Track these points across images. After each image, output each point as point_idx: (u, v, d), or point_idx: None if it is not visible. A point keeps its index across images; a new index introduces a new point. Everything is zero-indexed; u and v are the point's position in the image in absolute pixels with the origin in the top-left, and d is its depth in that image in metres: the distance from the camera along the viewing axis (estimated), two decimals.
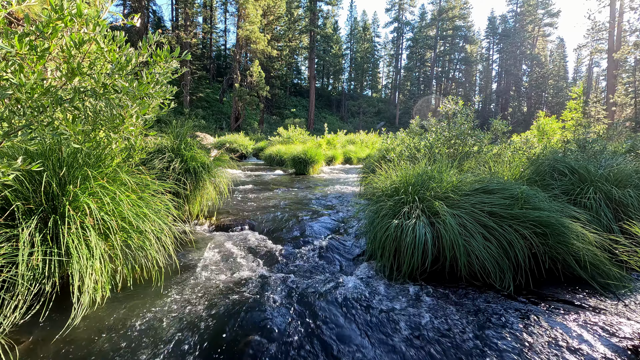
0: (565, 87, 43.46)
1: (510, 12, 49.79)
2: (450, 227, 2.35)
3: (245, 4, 24.56)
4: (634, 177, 3.26)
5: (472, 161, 4.40)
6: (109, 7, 1.74)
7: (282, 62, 36.91)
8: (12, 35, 1.26)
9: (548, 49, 49.42)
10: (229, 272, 2.53)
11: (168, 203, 2.52)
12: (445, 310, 2.00)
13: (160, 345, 1.62)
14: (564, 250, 2.36)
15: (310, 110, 36.16)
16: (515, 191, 2.66)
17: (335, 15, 45.45)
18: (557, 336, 1.75)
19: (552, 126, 6.09)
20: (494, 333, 1.78)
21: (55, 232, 1.81)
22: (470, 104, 5.31)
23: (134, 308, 1.95)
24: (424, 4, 53.68)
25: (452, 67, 52.85)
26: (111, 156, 2.23)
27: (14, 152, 1.92)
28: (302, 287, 2.26)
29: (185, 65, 25.44)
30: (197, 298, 2.08)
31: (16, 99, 1.31)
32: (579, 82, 35.54)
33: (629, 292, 2.22)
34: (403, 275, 2.39)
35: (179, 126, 4.06)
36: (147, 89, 1.86)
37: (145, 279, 2.28)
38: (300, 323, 1.82)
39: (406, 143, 5.99)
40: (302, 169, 9.70)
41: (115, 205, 2.03)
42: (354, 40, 52.38)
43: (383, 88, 61.72)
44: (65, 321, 1.74)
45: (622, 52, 22.74)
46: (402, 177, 3.07)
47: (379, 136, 19.64)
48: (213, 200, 4.02)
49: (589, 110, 22.95)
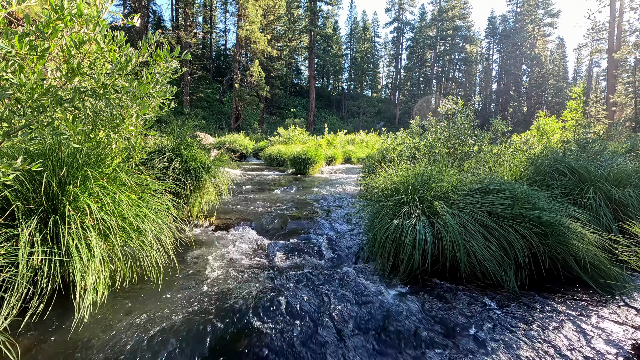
0: (565, 87, 43.46)
1: (510, 12, 49.81)
2: (450, 227, 2.35)
3: (245, 4, 24.56)
4: (634, 177, 3.26)
5: (472, 161, 4.40)
6: (109, 7, 1.74)
7: (282, 62, 36.91)
8: (12, 35, 1.27)
9: (548, 49, 49.41)
10: (228, 272, 2.52)
11: (168, 203, 2.52)
12: (444, 310, 2.00)
13: (160, 345, 1.62)
14: (564, 250, 2.36)
15: (310, 110, 36.16)
16: (515, 191, 2.66)
17: (335, 15, 45.46)
18: (557, 336, 1.75)
19: (552, 126, 6.09)
20: (494, 332, 1.78)
21: (55, 232, 1.81)
22: (470, 104, 5.31)
23: (134, 308, 1.95)
24: (424, 4, 53.78)
25: (452, 67, 52.85)
26: (111, 156, 2.23)
27: (14, 152, 1.92)
28: (302, 287, 2.26)
29: (185, 65, 25.45)
30: (197, 298, 2.08)
31: (16, 99, 1.31)
32: (579, 82, 35.58)
33: (629, 292, 2.22)
34: (403, 275, 2.39)
35: (179, 126, 4.06)
36: (147, 89, 1.86)
37: (145, 279, 2.28)
38: (300, 324, 1.82)
39: (406, 143, 5.99)
40: (302, 169, 9.70)
41: (115, 205, 2.03)
42: (354, 40, 52.36)
43: (383, 88, 61.72)
44: (65, 321, 1.74)
45: (622, 52, 22.74)
46: (402, 177, 3.07)
47: (379, 136, 19.64)
48: (213, 200, 4.02)
49: (589, 110, 22.96)
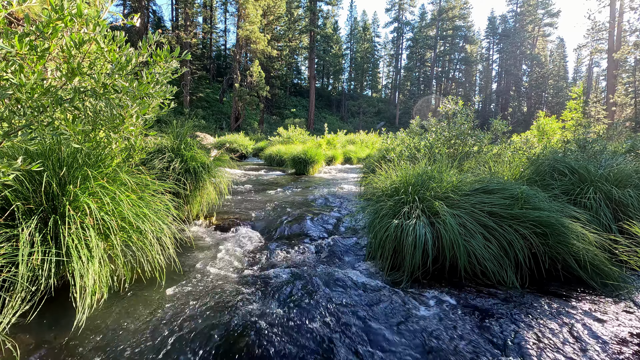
0: (565, 87, 43.45)
1: (510, 12, 49.81)
2: (450, 227, 2.35)
3: (245, 4, 24.56)
4: (634, 177, 3.26)
5: (472, 161, 4.40)
6: (109, 7, 1.75)
7: (282, 62, 36.91)
8: (12, 35, 1.27)
9: (548, 49, 49.42)
10: (229, 272, 2.52)
11: (168, 203, 2.52)
12: (444, 309, 2.01)
13: (160, 345, 1.62)
14: (564, 250, 2.36)
15: (310, 110, 36.16)
16: (515, 191, 2.66)
17: (335, 15, 45.46)
18: (557, 336, 1.75)
19: (552, 126, 6.09)
20: (494, 332, 1.78)
21: (55, 232, 1.81)
22: (470, 104, 5.31)
23: (134, 308, 1.95)
24: (424, 4, 53.82)
25: (452, 67, 52.85)
26: (111, 156, 2.23)
27: (14, 152, 1.92)
28: (302, 287, 2.26)
29: (185, 65, 25.45)
30: (197, 297, 2.08)
31: (16, 99, 1.31)
32: (579, 82, 35.59)
33: (629, 292, 2.22)
34: (403, 275, 2.39)
35: (179, 126, 4.06)
36: (147, 89, 1.86)
37: (145, 279, 2.28)
38: (299, 325, 1.82)
39: (406, 143, 5.99)
40: (302, 169, 9.70)
41: (115, 205, 2.03)
42: (354, 40, 52.36)
43: (383, 88, 61.71)
44: (65, 321, 1.74)
45: (622, 52, 22.75)
46: (402, 177, 3.07)
47: (379, 136, 19.64)
48: (213, 200, 4.02)
49: (589, 110, 22.97)
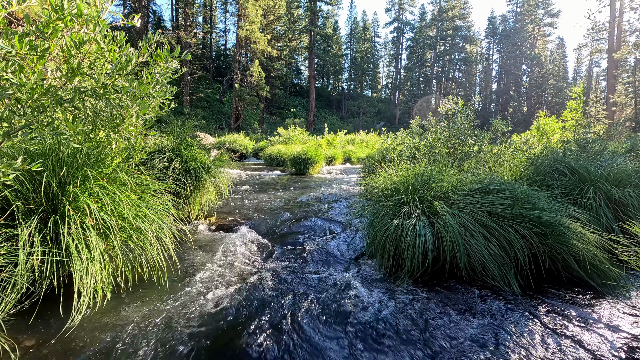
0: (565, 87, 43.46)
1: (510, 12, 49.80)
2: (450, 227, 2.35)
3: (245, 4, 24.57)
4: (634, 177, 3.26)
5: (472, 161, 4.40)
6: (109, 7, 1.74)
7: (282, 62, 36.89)
8: (12, 35, 1.26)
9: (548, 49, 49.42)
10: (228, 272, 2.52)
11: (168, 203, 2.52)
12: (444, 309, 2.00)
13: (160, 345, 1.62)
14: (564, 250, 2.36)
15: (310, 110, 36.16)
16: (515, 191, 2.66)
17: (335, 15, 45.50)
18: (557, 336, 1.75)
19: (552, 126, 6.09)
20: (493, 332, 1.78)
21: (55, 232, 1.81)
22: (470, 104, 5.31)
23: (134, 308, 1.95)
24: (424, 4, 53.77)
25: (452, 67, 52.84)
26: (111, 156, 2.23)
27: (14, 152, 1.92)
28: (302, 287, 2.26)
29: (185, 65, 25.44)
30: (197, 297, 2.08)
31: (16, 99, 1.31)
32: (579, 82, 35.52)
33: (629, 292, 2.22)
34: (403, 275, 2.39)
35: (179, 126, 4.06)
36: (147, 89, 1.86)
37: (145, 279, 2.28)
38: (299, 324, 1.81)
39: (406, 143, 5.99)
40: (302, 169, 9.70)
41: (115, 205, 2.03)
42: (354, 40, 52.36)
43: (383, 88, 61.72)
44: (65, 321, 1.74)
45: (622, 52, 22.75)
46: (402, 177, 3.07)
47: (379, 136, 19.65)
48: (213, 200, 4.02)
49: (589, 110, 22.95)
